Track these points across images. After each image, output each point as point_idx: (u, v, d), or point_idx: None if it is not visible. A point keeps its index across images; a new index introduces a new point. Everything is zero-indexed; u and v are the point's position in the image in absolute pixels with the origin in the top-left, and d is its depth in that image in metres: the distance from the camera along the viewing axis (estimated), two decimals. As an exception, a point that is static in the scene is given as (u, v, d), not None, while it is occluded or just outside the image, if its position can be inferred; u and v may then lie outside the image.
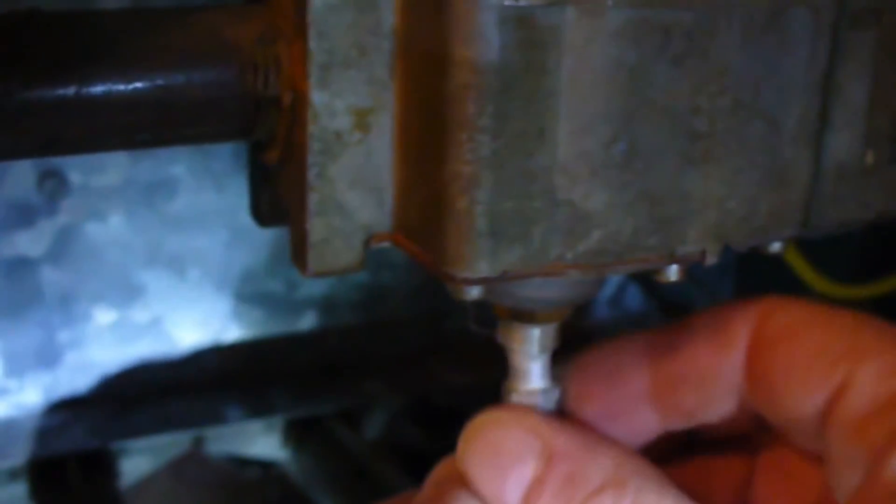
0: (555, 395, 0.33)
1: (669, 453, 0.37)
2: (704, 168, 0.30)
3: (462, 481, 0.32)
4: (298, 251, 0.31)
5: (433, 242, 0.29)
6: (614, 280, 0.62)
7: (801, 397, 0.32)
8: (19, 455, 0.51)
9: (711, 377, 0.34)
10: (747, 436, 0.36)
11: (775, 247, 0.33)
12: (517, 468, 0.31)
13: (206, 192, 0.51)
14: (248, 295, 0.54)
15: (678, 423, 0.35)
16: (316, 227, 0.30)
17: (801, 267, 0.56)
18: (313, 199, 0.30)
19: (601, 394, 0.34)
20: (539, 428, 0.31)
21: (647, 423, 0.35)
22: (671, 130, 0.29)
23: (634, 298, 0.62)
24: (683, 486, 0.36)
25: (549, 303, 0.32)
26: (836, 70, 0.31)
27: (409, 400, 0.62)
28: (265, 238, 0.53)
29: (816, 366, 0.31)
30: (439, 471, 0.34)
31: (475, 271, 0.28)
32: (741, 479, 0.36)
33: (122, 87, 0.30)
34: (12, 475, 0.54)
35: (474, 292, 0.29)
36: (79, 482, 0.54)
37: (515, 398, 0.33)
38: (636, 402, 0.35)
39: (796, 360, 0.32)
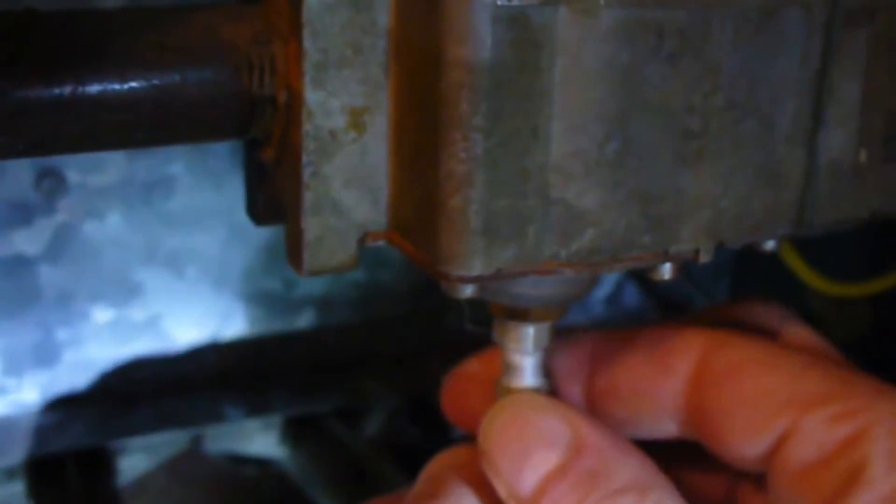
0: (547, 392, 0.33)
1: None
2: (698, 167, 0.30)
3: (456, 474, 0.32)
4: (294, 250, 0.31)
5: (427, 241, 0.29)
6: (612, 278, 0.62)
7: (744, 440, 0.31)
8: (17, 454, 0.52)
9: (643, 396, 0.34)
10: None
11: (769, 245, 0.33)
12: (541, 452, 0.31)
13: (203, 190, 0.51)
14: (245, 293, 0.54)
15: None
16: (311, 226, 0.30)
17: (798, 265, 0.57)
18: (308, 198, 0.30)
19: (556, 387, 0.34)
20: (572, 418, 0.31)
21: None
22: (665, 129, 0.29)
23: (632, 296, 0.62)
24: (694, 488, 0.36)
25: (543, 301, 0.32)
26: (829, 69, 0.32)
27: (406, 398, 0.62)
28: (263, 236, 0.53)
29: (761, 410, 0.31)
30: (433, 465, 0.34)
31: (469, 270, 0.28)
32: (727, 485, 0.36)
33: (117, 86, 0.30)
34: (10, 474, 0.54)
35: (468, 291, 0.30)
36: (77, 481, 0.54)
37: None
38: (573, 403, 0.35)
39: (740, 403, 0.32)
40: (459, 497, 0.32)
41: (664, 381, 0.33)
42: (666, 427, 0.34)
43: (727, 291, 0.64)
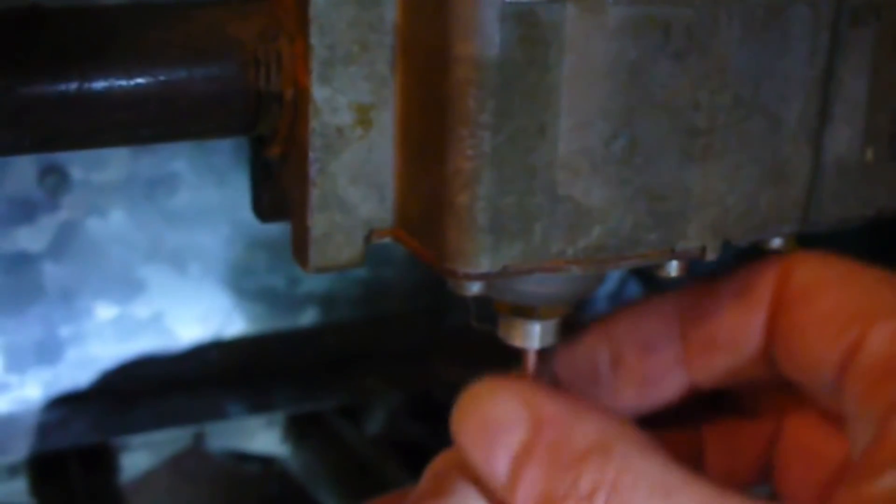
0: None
1: (699, 413, 0.37)
2: (704, 164, 0.30)
3: (460, 472, 0.32)
4: (300, 247, 0.31)
5: (434, 238, 0.29)
6: (615, 275, 0.62)
7: (816, 356, 0.32)
8: (20, 451, 0.52)
9: (741, 339, 0.34)
10: (775, 397, 0.36)
11: (776, 243, 0.33)
12: (505, 436, 0.31)
13: (207, 187, 0.51)
14: (249, 290, 0.54)
15: (710, 384, 0.35)
16: (317, 223, 0.30)
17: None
18: (315, 195, 0.30)
19: (636, 362, 0.35)
20: (528, 396, 0.31)
21: (679, 386, 0.36)
22: (671, 126, 0.29)
23: (635, 293, 0.62)
24: (712, 447, 0.37)
25: (549, 298, 0.32)
26: (835, 66, 0.32)
27: (410, 396, 0.62)
28: (266, 234, 0.53)
29: (831, 325, 0.32)
30: (437, 463, 0.34)
31: (476, 267, 0.28)
32: (767, 441, 0.36)
33: (123, 82, 0.30)
34: (12, 471, 0.54)
35: (475, 288, 0.30)
36: (79, 478, 0.54)
37: None
38: (670, 368, 0.35)
39: (812, 320, 0.32)
40: (464, 496, 0.32)
41: (752, 319, 0.34)
42: (759, 366, 0.34)
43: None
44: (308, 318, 0.56)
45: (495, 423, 0.31)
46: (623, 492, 0.29)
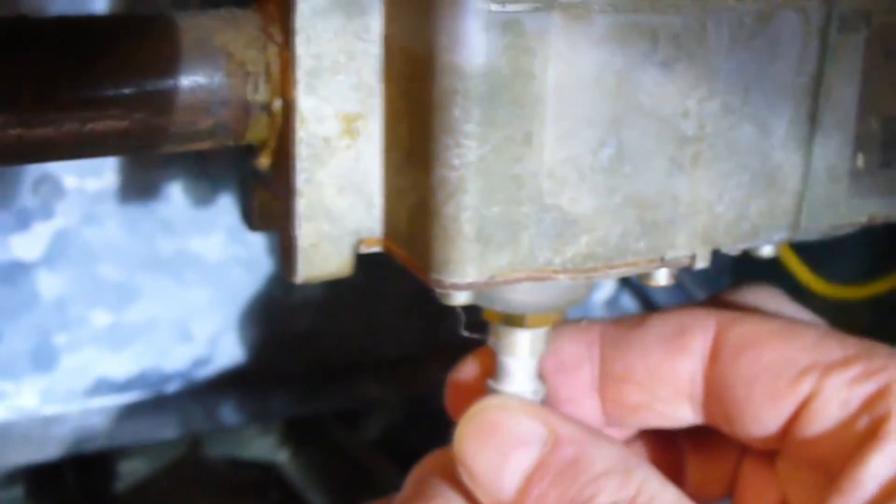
0: (541, 397, 0.33)
1: (652, 452, 0.37)
2: (693, 172, 0.30)
3: (442, 476, 0.32)
4: (287, 257, 0.31)
5: (421, 248, 0.29)
6: (610, 282, 0.61)
7: (765, 409, 0.32)
8: (16, 458, 0.51)
9: (659, 378, 0.34)
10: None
11: (766, 250, 0.33)
12: (519, 452, 0.31)
13: (201, 195, 0.51)
14: (244, 298, 0.54)
15: (621, 417, 0.35)
16: (305, 233, 0.30)
17: (797, 268, 0.56)
18: (302, 205, 0.30)
19: (549, 377, 0.34)
20: (545, 416, 0.31)
21: (592, 413, 0.35)
22: (659, 134, 0.29)
23: (631, 300, 0.62)
24: (688, 458, 0.37)
25: (538, 307, 0.32)
26: (825, 74, 0.31)
27: (407, 401, 0.62)
28: (261, 241, 0.53)
29: (782, 377, 0.31)
30: (419, 469, 0.34)
31: (463, 276, 0.28)
32: (737, 456, 0.36)
33: (111, 92, 0.30)
34: (9, 479, 0.54)
35: (462, 297, 0.30)
36: (75, 485, 0.54)
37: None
38: (581, 392, 0.35)
39: (760, 372, 0.32)
40: (445, 500, 0.32)
41: (680, 361, 0.33)
42: (681, 411, 0.34)
43: (727, 294, 0.64)
44: (304, 324, 0.56)
45: (510, 437, 0.31)
46: None
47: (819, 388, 0.31)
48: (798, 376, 0.31)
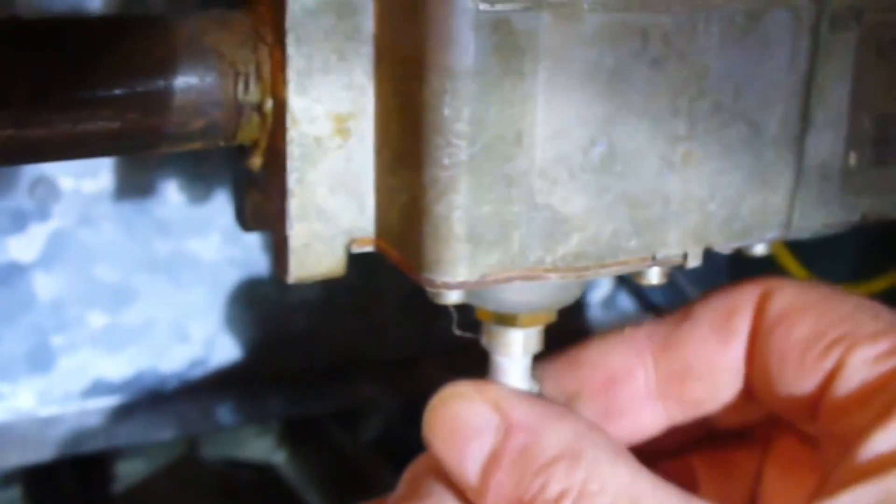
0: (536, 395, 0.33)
1: (685, 446, 0.37)
2: (685, 171, 0.30)
3: (435, 475, 0.33)
4: (280, 256, 0.31)
5: (412, 247, 0.29)
6: (607, 281, 0.61)
7: (794, 382, 0.32)
8: (13, 460, 0.52)
9: (718, 367, 0.34)
10: (759, 427, 0.36)
11: (759, 249, 0.33)
12: (475, 441, 0.31)
13: (197, 195, 0.51)
14: (240, 298, 0.54)
15: (684, 416, 0.35)
16: (297, 233, 0.30)
17: (794, 267, 0.56)
18: (294, 205, 0.30)
19: (600, 393, 0.35)
20: (499, 401, 0.32)
21: (652, 419, 0.35)
22: (650, 133, 0.29)
23: (628, 299, 0.62)
24: (705, 480, 0.36)
25: (530, 306, 0.32)
26: (816, 71, 0.31)
27: (403, 402, 0.62)
28: (257, 241, 0.53)
29: (809, 352, 0.32)
30: (413, 468, 0.34)
31: (454, 276, 0.28)
32: (755, 470, 0.36)
33: (103, 93, 0.30)
34: (6, 480, 0.54)
35: (454, 296, 0.30)
36: (73, 486, 0.54)
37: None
38: (640, 399, 0.35)
39: (790, 347, 0.32)
40: (440, 498, 0.32)
41: (730, 347, 0.34)
42: (738, 395, 0.34)
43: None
44: (300, 325, 0.56)
45: (466, 427, 0.31)
46: (590, 497, 0.29)
47: (843, 361, 0.31)
48: (828, 347, 0.31)
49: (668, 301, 0.61)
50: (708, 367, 0.34)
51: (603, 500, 0.29)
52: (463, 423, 0.31)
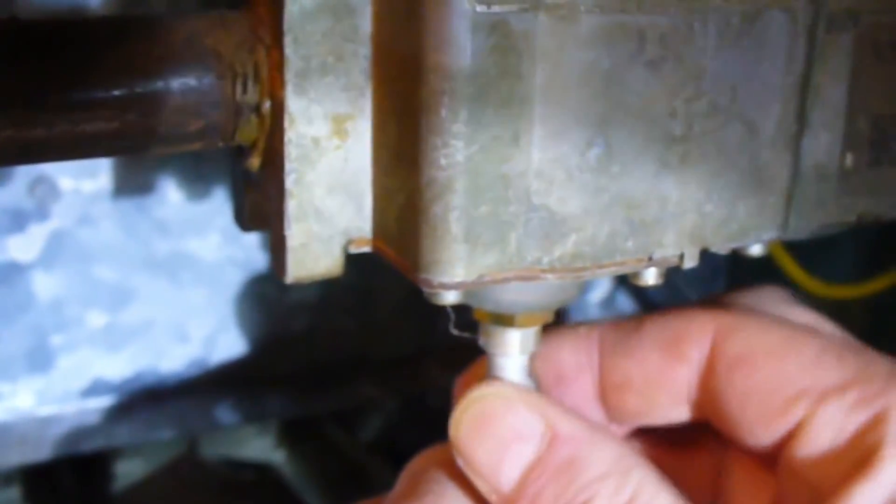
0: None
1: (646, 447, 0.37)
2: (681, 172, 0.30)
3: (439, 470, 0.32)
4: (278, 257, 0.31)
5: (410, 248, 0.29)
6: (606, 281, 0.62)
7: (759, 428, 0.32)
8: (12, 459, 0.52)
9: (657, 386, 0.34)
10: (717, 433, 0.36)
11: (755, 250, 0.33)
12: (518, 445, 0.31)
13: (196, 195, 0.51)
14: (240, 298, 0.54)
15: (624, 423, 0.35)
16: (295, 233, 0.30)
17: (792, 268, 0.56)
18: (292, 205, 0.30)
19: (550, 388, 0.34)
20: (543, 408, 0.31)
21: (597, 420, 0.35)
22: (647, 134, 0.29)
23: (627, 299, 0.62)
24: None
25: (527, 306, 0.32)
26: (813, 73, 0.32)
27: (403, 401, 0.62)
28: (256, 241, 0.53)
29: (776, 399, 0.31)
30: (413, 464, 0.34)
31: (451, 276, 0.28)
32: (713, 474, 0.36)
33: (102, 93, 0.30)
34: (6, 480, 0.54)
35: (451, 297, 0.30)
36: (72, 486, 0.54)
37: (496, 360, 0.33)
38: (587, 400, 0.35)
39: (755, 391, 0.32)
40: (439, 495, 0.32)
41: (678, 370, 0.33)
42: (680, 414, 0.34)
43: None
44: (300, 325, 0.56)
45: (508, 431, 0.31)
46: None
47: (813, 412, 0.31)
48: (793, 399, 0.31)
49: (668, 301, 0.61)
50: (646, 384, 0.34)
51: None
52: (505, 425, 0.31)
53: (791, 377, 0.31)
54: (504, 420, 0.31)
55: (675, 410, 0.34)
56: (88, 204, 0.49)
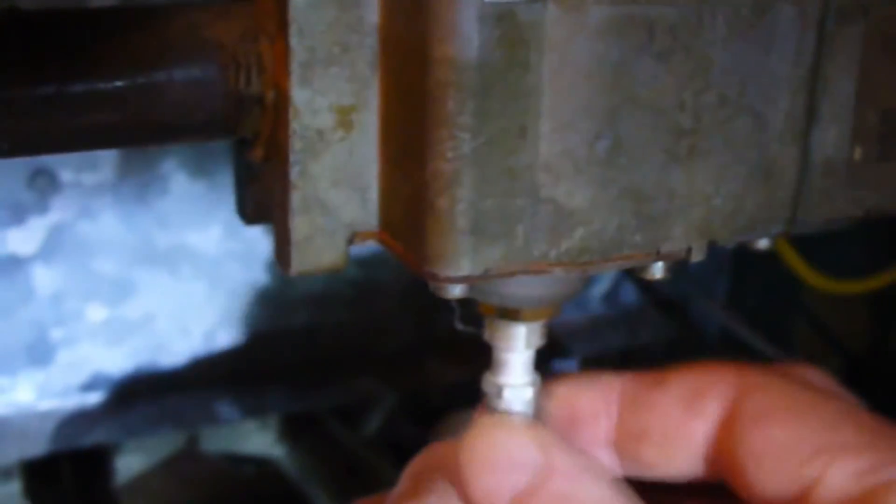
0: (537, 390, 0.33)
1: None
2: (690, 164, 0.30)
3: (438, 472, 0.32)
4: (282, 249, 0.30)
5: (415, 241, 0.29)
6: (609, 275, 0.61)
7: (771, 487, 0.31)
8: (12, 454, 0.51)
9: (676, 438, 0.34)
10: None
11: (763, 244, 0.33)
12: (513, 474, 0.31)
13: (198, 188, 0.51)
14: (241, 292, 0.54)
15: (638, 473, 0.35)
16: (298, 226, 0.30)
17: (796, 262, 0.56)
18: (296, 198, 0.29)
19: (562, 429, 0.34)
20: (543, 441, 0.32)
21: (608, 465, 0.35)
22: (656, 127, 0.29)
23: (629, 294, 0.62)
24: None
25: (534, 301, 0.32)
26: (822, 65, 0.31)
27: (404, 396, 0.62)
28: (258, 234, 0.53)
29: (790, 459, 0.31)
30: (415, 464, 0.34)
31: (457, 270, 0.28)
32: None
33: (103, 85, 0.29)
34: (5, 474, 0.54)
35: (457, 291, 0.29)
36: (72, 481, 0.54)
37: (504, 393, 0.33)
38: (598, 445, 0.35)
39: (770, 450, 0.32)
40: (441, 496, 0.32)
41: (696, 425, 0.33)
42: (694, 469, 0.34)
43: (726, 289, 0.64)
44: (301, 318, 0.56)
45: (507, 459, 0.31)
46: None
47: (824, 475, 0.30)
48: (806, 460, 0.31)
49: (672, 295, 0.61)
50: (664, 437, 0.34)
51: None
52: (505, 454, 0.31)
53: (806, 437, 0.31)
54: (504, 448, 0.32)
55: (690, 465, 0.34)
56: (89, 197, 0.49)
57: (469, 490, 0.31)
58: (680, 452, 0.34)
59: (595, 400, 0.35)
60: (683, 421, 0.34)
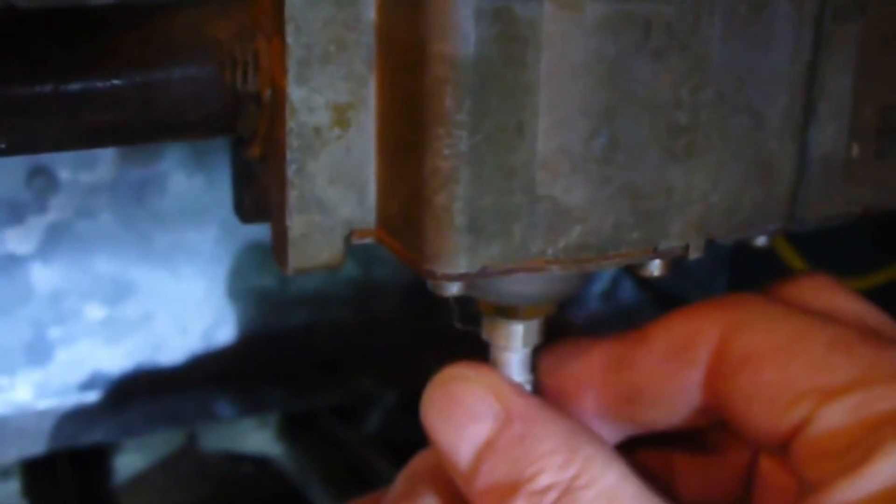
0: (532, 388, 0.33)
1: (668, 441, 0.36)
2: (687, 162, 0.30)
3: (434, 476, 0.32)
4: (279, 247, 0.30)
5: (413, 238, 0.29)
6: (608, 272, 0.61)
7: (763, 428, 0.31)
8: (11, 453, 0.51)
9: (668, 394, 0.33)
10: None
11: (760, 240, 0.33)
12: (473, 426, 0.31)
13: (196, 187, 0.51)
14: (239, 291, 0.54)
15: (639, 431, 0.35)
16: (296, 224, 0.30)
17: (795, 260, 0.56)
18: (293, 196, 0.29)
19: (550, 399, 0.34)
20: (499, 389, 0.32)
21: (605, 434, 0.34)
22: (653, 124, 0.29)
23: (628, 291, 0.62)
24: (683, 475, 0.36)
25: (531, 298, 0.32)
26: (820, 62, 0.31)
27: (403, 395, 0.62)
28: (256, 233, 0.53)
29: (779, 400, 0.31)
30: (411, 466, 0.34)
31: (455, 267, 0.28)
32: (741, 471, 0.36)
33: (100, 83, 0.29)
34: (4, 473, 0.54)
35: (454, 288, 0.29)
36: (71, 479, 0.54)
37: None
38: (589, 418, 0.34)
39: (759, 392, 0.31)
40: (437, 498, 0.32)
41: (684, 377, 0.33)
42: (692, 417, 0.34)
43: (724, 286, 0.64)
44: (299, 317, 0.56)
45: (465, 412, 0.31)
46: (574, 492, 0.30)
47: (813, 415, 0.30)
48: (794, 401, 0.30)
49: (670, 291, 0.61)
50: (659, 394, 0.33)
51: (586, 496, 0.29)
52: (463, 406, 0.31)
53: (795, 377, 0.31)
54: (463, 400, 0.32)
55: (688, 415, 0.33)
56: (87, 195, 0.49)
57: (438, 448, 0.31)
58: (675, 406, 0.33)
59: (577, 372, 0.35)
60: (672, 375, 0.33)
